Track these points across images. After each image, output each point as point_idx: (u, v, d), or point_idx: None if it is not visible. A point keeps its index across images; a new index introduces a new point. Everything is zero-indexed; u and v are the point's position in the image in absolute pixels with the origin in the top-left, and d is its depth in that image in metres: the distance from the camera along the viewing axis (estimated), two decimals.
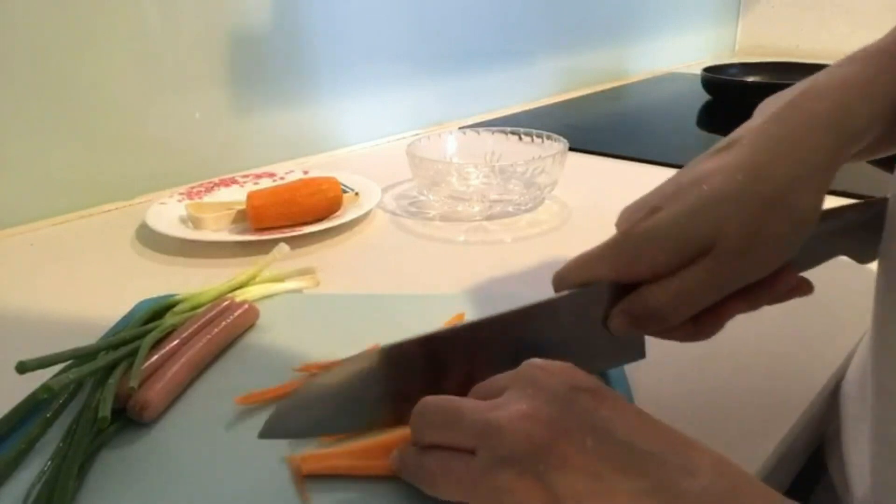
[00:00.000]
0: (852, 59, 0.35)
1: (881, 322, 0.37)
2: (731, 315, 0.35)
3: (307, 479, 0.35)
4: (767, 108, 0.35)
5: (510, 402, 0.29)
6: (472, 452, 0.29)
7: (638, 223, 0.34)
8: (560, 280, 0.36)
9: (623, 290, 0.35)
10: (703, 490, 0.26)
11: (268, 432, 0.35)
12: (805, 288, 0.36)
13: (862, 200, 0.38)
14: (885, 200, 0.37)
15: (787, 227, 0.32)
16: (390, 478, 0.34)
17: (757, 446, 0.38)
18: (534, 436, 0.27)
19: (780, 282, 0.34)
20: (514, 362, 0.33)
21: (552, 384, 0.29)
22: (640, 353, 0.38)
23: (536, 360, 0.31)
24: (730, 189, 0.32)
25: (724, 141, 0.35)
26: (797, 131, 0.33)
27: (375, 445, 0.36)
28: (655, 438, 0.27)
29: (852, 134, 0.33)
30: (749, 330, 0.37)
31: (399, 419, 0.35)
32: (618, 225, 0.37)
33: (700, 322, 0.35)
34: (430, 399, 0.32)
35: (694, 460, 0.27)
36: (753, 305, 0.35)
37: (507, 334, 0.36)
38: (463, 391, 0.34)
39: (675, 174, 0.36)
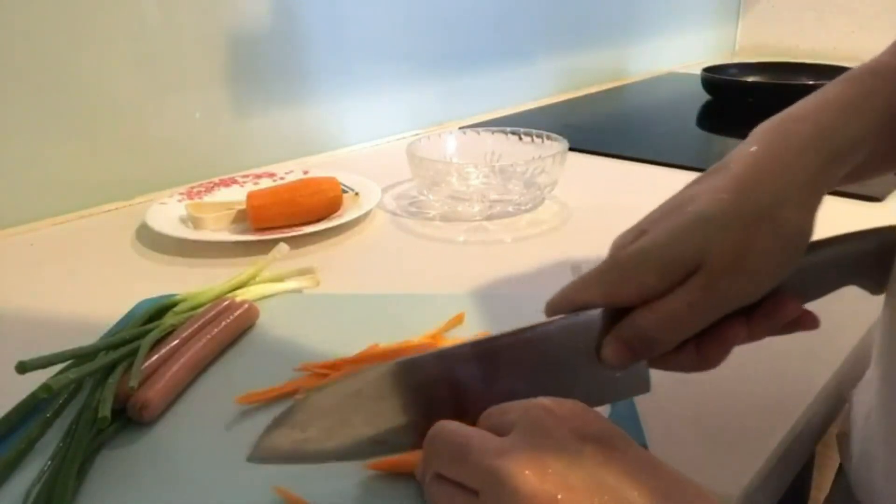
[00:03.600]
0: (841, 80, 0.36)
1: (888, 358, 0.37)
2: (733, 343, 0.34)
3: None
4: (756, 133, 0.35)
5: (515, 447, 0.28)
6: (476, 493, 0.28)
7: (625, 247, 0.34)
8: (552, 308, 0.36)
9: (616, 320, 0.34)
10: None
11: (258, 456, 0.33)
12: (810, 322, 0.36)
13: (874, 228, 0.37)
14: None
15: (776, 245, 0.32)
16: (394, 476, 0.34)
17: (757, 447, 0.38)
18: (537, 493, 0.26)
19: (781, 310, 0.34)
20: (513, 391, 0.32)
21: (560, 432, 0.28)
22: (644, 387, 0.36)
23: (545, 401, 0.30)
24: (714, 209, 0.32)
25: (712, 167, 0.35)
26: (780, 152, 0.33)
27: None
28: (666, 498, 0.27)
29: (836, 152, 0.33)
30: None
31: (402, 447, 0.34)
32: (609, 252, 0.37)
33: (703, 350, 0.34)
34: (440, 428, 0.31)
35: None
36: (755, 334, 0.35)
37: (502, 363, 0.34)
38: (458, 415, 0.33)
39: (665, 200, 0.36)
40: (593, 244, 0.36)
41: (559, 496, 0.26)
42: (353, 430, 0.33)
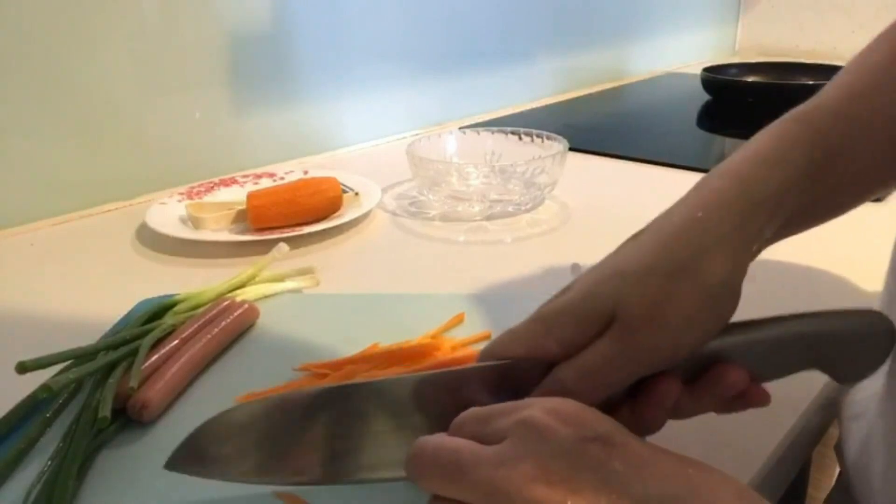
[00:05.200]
0: (768, 130, 0.35)
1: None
2: (666, 405, 0.33)
3: None
4: (687, 191, 0.35)
5: (513, 455, 0.27)
6: None
7: (549, 302, 0.34)
8: (483, 357, 0.35)
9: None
10: None
11: (173, 466, 0.33)
12: (759, 398, 0.34)
13: (849, 308, 0.34)
14: (878, 314, 0.33)
15: (696, 299, 0.31)
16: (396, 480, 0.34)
17: (757, 447, 0.38)
18: (546, 501, 0.25)
19: (724, 380, 0.33)
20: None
21: (558, 436, 0.27)
22: None
23: (536, 411, 0.28)
24: (630, 265, 0.32)
25: (643, 227, 0.35)
26: (701, 208, 0.33)
27: None
28: (673, 481, 0.26)
29: (759, 205, 0.32)
30: None
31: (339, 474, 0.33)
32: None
33: (638, 412, 0.33)
34: (422, 447, 0.29)
35: (715, 495, 0.26)
36: (699, 406, 0.34)
37: (425, 403, 0.33)
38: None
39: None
40: (593, 244, 0.36)
41: (568, 502, 0.25)
42: (264, 453, 0.33)
